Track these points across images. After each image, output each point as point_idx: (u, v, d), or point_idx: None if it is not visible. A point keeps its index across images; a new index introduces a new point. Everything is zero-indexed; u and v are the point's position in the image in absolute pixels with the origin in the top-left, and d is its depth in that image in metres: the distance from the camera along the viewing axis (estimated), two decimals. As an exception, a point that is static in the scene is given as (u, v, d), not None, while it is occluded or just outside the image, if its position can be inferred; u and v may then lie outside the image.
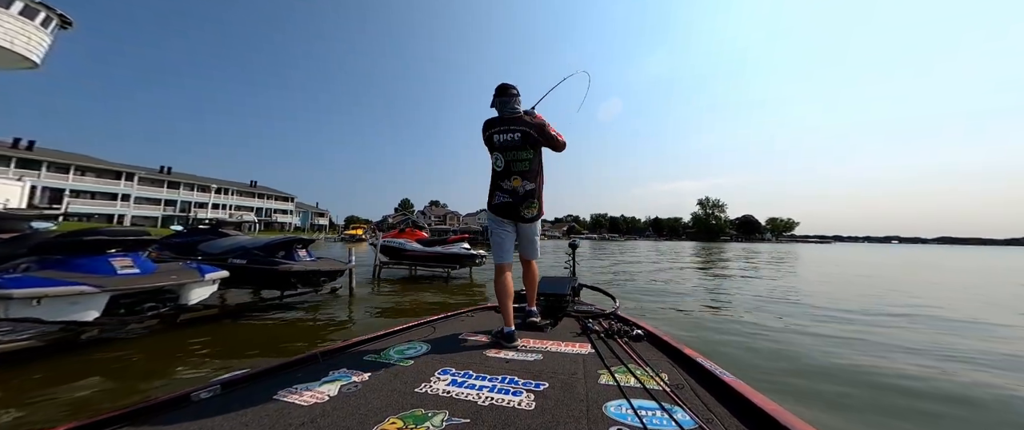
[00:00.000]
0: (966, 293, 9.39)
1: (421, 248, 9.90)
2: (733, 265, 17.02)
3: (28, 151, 31.91)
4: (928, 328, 5.39)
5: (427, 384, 1.44)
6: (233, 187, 54.66)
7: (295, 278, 5.58)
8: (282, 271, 5.35)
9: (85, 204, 34.73)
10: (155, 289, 3.97)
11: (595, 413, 1.20)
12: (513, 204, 2.12)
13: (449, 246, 10.00)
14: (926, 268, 18.40)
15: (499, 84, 2.21)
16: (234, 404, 1.31)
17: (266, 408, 1.27)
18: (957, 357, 4.07)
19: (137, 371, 3.41)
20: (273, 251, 5.64)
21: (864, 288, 9.70)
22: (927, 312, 6.54)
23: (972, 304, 7.65)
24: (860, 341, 4.60)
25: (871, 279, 12.07)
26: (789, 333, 4.92)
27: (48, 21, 12.06)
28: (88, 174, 35.97)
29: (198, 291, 4.40)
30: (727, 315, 6.09)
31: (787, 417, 1.07)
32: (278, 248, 5.71)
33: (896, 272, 15.36)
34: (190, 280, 4.26)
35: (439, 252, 9.82)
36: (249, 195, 58.23)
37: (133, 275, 3.87)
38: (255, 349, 4.06)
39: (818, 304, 7.02)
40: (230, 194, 54.20)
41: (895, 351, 4.22)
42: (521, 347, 1.90)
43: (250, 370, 1.58)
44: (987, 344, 4.63)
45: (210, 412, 1.26)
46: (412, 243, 9.96)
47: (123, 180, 38.28)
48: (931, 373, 3.55)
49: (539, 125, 2.12)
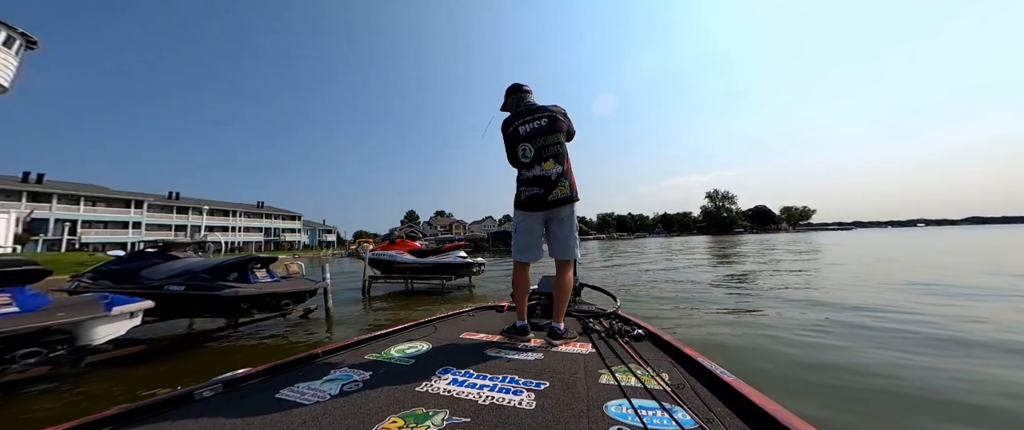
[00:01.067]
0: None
1: (413, 259, 9.25)
2: (784, 259, 15.02)
3: (38, 184, 32.50)
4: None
5: (428, 383, 1.44)
6: (240, 209, 55.16)
7: (247, 303, 4.91)
8: (226, 296, 4.66)
9: (99, 234, 35.20)
10: (33, 331, 3.31)
11: (596, 413, 1.19)
12: (543, 194, 1.99)
13: (444, 255, 9.36)
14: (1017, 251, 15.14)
15: (511, 84, 2.23)
16: (235, 403, 1.32)
17: (267, 407, 1.27)
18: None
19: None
20: (223, 273, 4.99)
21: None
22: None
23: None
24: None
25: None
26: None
27: (10, 41, 11.38)
28: (99, 204, 36.50)
29: (104, 329, 3.74)
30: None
31: (788, 417, 1.04)
32: (229, 270, 5.07)
33: (981, 256, 13.24)
34: (88, 316, 3.61)
35: (433, 263, 9.18)
36: (257, 216, 58.74)
37: (8, 315, 3.26)
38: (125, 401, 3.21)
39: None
40: (238, 216, 54.71)
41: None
42: (522, 346, 1.90)
43: (251, 369, 1.57)
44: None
45: (211, 410, 1.26)
46: (404, 255, 9.32)
47: (133, 208, 38.76)
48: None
49: (563, 111, 2.14)
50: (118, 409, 1.22)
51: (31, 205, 30.62)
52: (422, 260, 9.26)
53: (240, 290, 4.81)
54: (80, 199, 34.59)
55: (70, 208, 33.66)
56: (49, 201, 32.14)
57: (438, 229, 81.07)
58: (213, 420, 1.19)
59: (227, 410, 1.25)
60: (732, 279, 9.61)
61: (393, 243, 9.76)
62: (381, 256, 9.45)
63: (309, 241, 70.54)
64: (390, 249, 9.57)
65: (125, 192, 38.92)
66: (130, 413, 1.22)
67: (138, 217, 38.81)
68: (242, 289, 4.85)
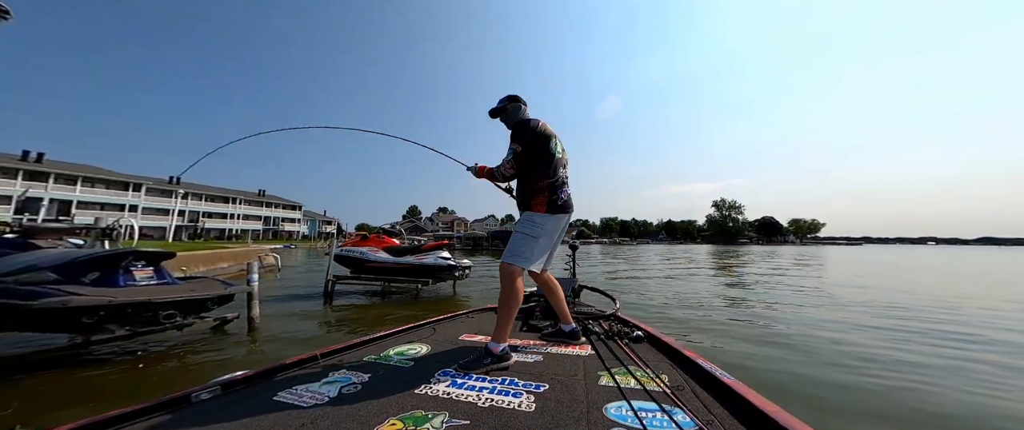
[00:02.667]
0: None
1: (388, 259, 8.51)
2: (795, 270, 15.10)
3: (37, 163, 32.29)
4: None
5: (427, 385, 1.44)
6: (241, 196, 54.99)
7: (93, 317, 3.55)
8: (52, 308, 3.28)
9: (94, 215, 34.97)
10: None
11: (595, 414, 1.20)
12: (570, 201, 2.01)
13: (423, 255, 8.65)
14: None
15: (511, 95, 2.17)
16: (234, 405, 1.31)
17: (266, 409, 1.27)
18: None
19: None
20: (78, 272, 3.81)
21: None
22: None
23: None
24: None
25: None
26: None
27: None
28: (97, 186, 36.29)
29: None
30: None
31: (787, 418, 1.06)
32: (89, 267, 3.89)
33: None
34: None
35: (410, 264, 8.47)
36: (257, 204, 58.60)
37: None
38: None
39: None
40: (238, 203, 54.54)
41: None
42: (521, 348, 1.90)
43: (250, 371, 1.56)
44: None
45: (210, 412, 1.26)
46: (377, 252, 8.58)
47: (131, 190, 38.54)
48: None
49: None
50: (116, 411, 1.22)
51: (27, 184, 30.40)
52: (398, 260, 8.54)
53: (76, 300, 3.43)
54: (78, 179, 34.37)
55: (66, 188, 33.43)
56: (46, 180, 31.92)
57: (439, 225, 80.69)
58: (211, 423, 1.18)
59: (225, 413, 1.24)
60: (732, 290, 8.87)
61: (366, 238, 9.01)
62: (349, 253, 8.60)
63: (309, 232, 70.39)
64: (362, 245, 8.72)
65: (124, 174, 38.73)
66: (127, 415, 1.22)
67: (135, 200, 38.55)
68: (82, 298, 3.49)
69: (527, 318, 2.38)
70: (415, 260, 8.55)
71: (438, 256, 8.72)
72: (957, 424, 2.76)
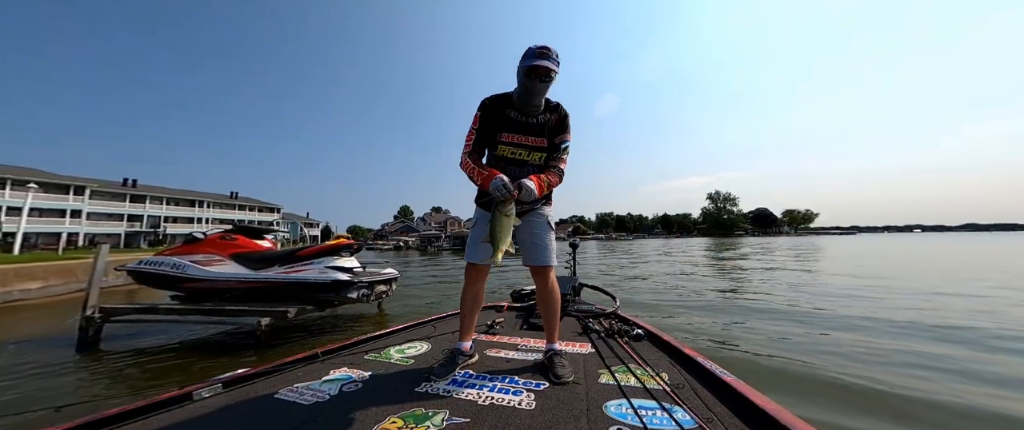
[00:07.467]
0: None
1: (234, 274, 5.36)
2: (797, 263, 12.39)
3: (-45, 166, 28.66)
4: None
5: (427, 383, 1.44)
6: (209, 199, 51.29)
7: None
8: None
9: (33, 223, 31.38)
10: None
11: (595, 412, 1.20)
12: None
13: (296, 266, 5.61)
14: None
15: None
16: (235, 402, 1.32)
17: (267, 407, 1.28)
18: None
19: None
20: None
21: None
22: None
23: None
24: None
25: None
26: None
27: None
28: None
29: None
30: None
31: (787, 417, 1.05)
32: None
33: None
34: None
35: (269, 280, 5.44)
36: (229, 207, 54.84)
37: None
38: None
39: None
40: (206, 206, 50.81)
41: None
42: (521, 347, 1.92)
43: (251, 369, 1.56)
44: None
45: (211, 410, 1.27)
46: (222, 262, 5.52)
47: (72, 194, 34.87)
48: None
49: None
50: (118, 408, 1.23)
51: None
52: (253, 276, 5.48)
53: None
54: (6, 183, 30.74)
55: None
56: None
57: (433, 225, 77.36)
58: (212, 420, 1.20)
59: (226, 410, 1.26)
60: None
61: (199, 241, 5.60)
62: (155, 268, 5.25)
63: (291, 236, 66.68)
64: (191, 251, 5.41)
65: (64, 176, 34.98)
66: (130, 413, 1.23)
67: (78, 205, 34.94)
68: None
69: (527, 317, 2.49)
70: (283, 274, 5.52)
71: (325, 266, 5.68)
72: None
